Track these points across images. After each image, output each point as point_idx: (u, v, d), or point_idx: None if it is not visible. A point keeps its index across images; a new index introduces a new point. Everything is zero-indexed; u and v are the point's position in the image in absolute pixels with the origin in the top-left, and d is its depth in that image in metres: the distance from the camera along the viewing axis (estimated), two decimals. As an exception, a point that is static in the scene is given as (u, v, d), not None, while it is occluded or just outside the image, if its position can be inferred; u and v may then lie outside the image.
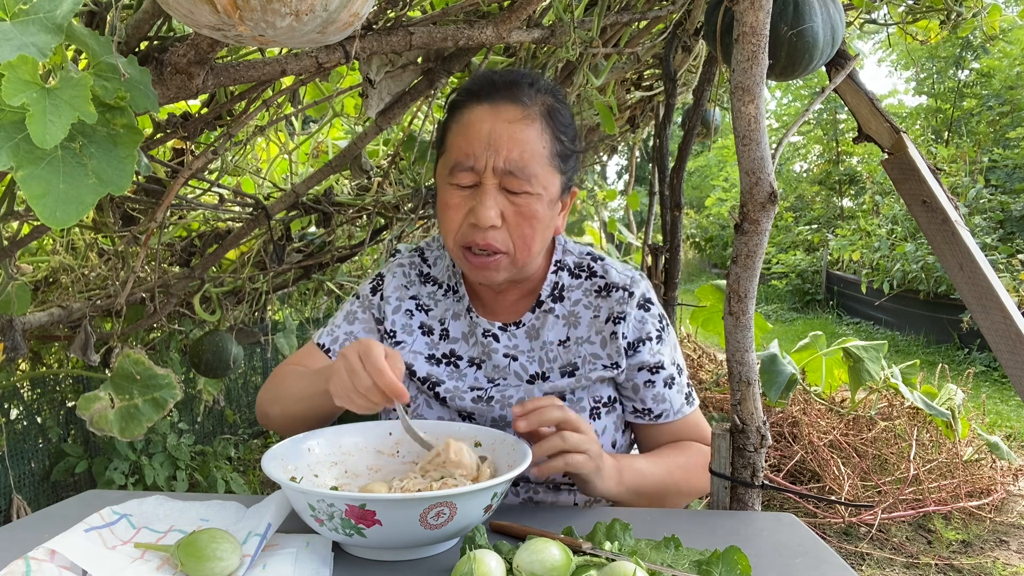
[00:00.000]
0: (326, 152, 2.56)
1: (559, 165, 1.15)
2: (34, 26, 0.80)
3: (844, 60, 1.66)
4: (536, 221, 1.13)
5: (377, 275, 1.34)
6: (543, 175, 1.12)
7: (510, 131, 1.10)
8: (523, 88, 1.14)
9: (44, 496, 2.98)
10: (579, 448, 1.04)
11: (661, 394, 1.23)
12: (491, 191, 1.10)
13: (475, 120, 1.12)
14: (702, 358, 4.87)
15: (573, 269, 1.27)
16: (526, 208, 1.12)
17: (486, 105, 1.12)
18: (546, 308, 1.24)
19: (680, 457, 1.22)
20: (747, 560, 0.81)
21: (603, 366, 1.20)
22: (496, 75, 1.17)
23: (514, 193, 1.11)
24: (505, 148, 1.09)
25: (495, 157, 1.09)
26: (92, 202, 0.84)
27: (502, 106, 1.12)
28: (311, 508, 0.85)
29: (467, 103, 1.15)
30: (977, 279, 1.76)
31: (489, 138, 1.10)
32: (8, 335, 1.59)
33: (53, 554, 0.83)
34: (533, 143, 1.11)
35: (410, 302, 1.29)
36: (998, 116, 10.92)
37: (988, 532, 3.26)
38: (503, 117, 1.11)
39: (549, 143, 1.13)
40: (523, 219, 1.12)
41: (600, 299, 1.23)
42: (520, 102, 1.12)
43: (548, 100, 1.15)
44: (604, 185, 6.44)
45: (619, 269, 1.26)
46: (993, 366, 6.65)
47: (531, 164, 1.10)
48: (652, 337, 1.22)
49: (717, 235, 16.56)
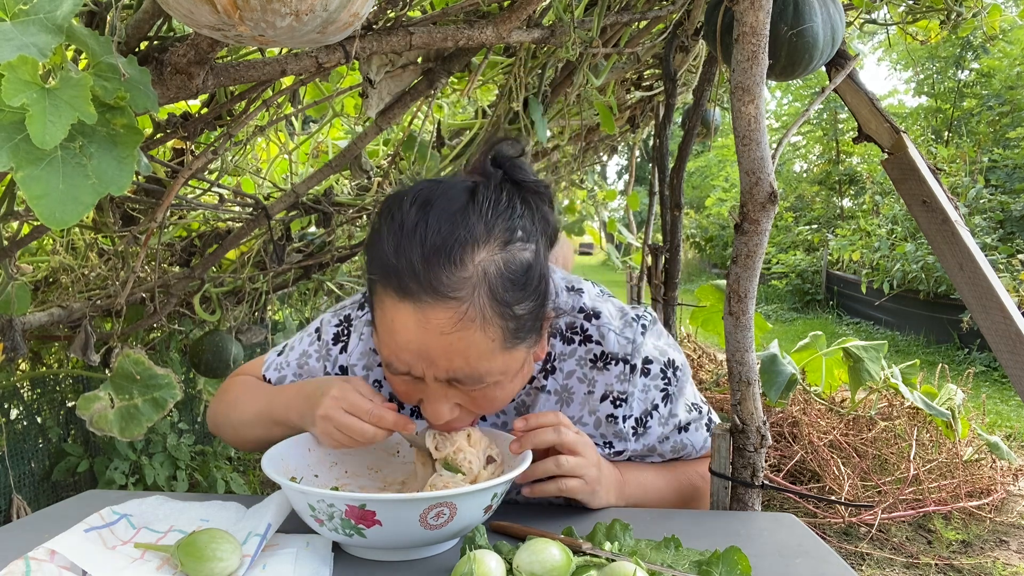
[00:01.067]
0: (326, 152, 2.56)
1: (518, 340, 0.93)
2: (34, 26, 0.80)
3: (844, 60, 1.66)
4: (498, 401, 0.97)
5: (344, 318, 1.18)
6: (499, 364, 0.92)
7: (445, 343, 0.87)
8: (453, 274, 0.87)
9: (44, 496, 2.98)
10: (574, 473, 1.00)
11: (680, 442, 1.14)
12: (439, 390, 0.93)
13: (399, 326, 0.89)
14: (702, 358, 4.87)
15: (565, 332, 1.10)
16: (483, 396, 0.95)
17: (409, 306, 0.87)
18: (537, 385, 1.10)
19: (693, 472, 1.18)
20: (747, 560, 0.81)
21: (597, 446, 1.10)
22: (416, 256, 0.87)
23: (468, 386, 0.93)
24: (443, 359, 0.89)
25: (432, 368, 0.90)
26: (92, 202, 0.84)
27: (430, 311, 0.86)
28: (311, 508, 0.85)
29: (386, 290, 0.90)
30: (977, 279, 1.76)
31: (420, 350, 0.89)
32: (8, 335, 1.59)
33: (53, 554, 0.83)
34: (477, 347, 0.88)
35: (378, 371, 1.14)
36: (998, 116, 10.92)
37: (988, 532, 3.26)
38: (433, 327, 0.87)
39: (500, 333, 0.89)
40: (482, 406, 0.97)
41: (595, 371, 1.09)
42: (451, 300, 0.86)
43: (493, 263, 0.89)
44: (604, 185, 6.44)
45: (617, 330, 1.09)
46: (993, 366, 6.65)
47: (479, 367, 0.90)
48: (659, 404, 1.11)
49: (717, 235, 16.56)
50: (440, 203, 0.91)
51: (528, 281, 0.92)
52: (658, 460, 1.17)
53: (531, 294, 0.93)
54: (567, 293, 1.13)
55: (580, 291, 1.13)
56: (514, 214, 0.94)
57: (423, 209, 0.91)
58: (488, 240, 0.90)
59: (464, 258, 0.87)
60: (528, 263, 0.92)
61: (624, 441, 1.11)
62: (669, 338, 1.18)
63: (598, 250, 11.74)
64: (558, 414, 1.03)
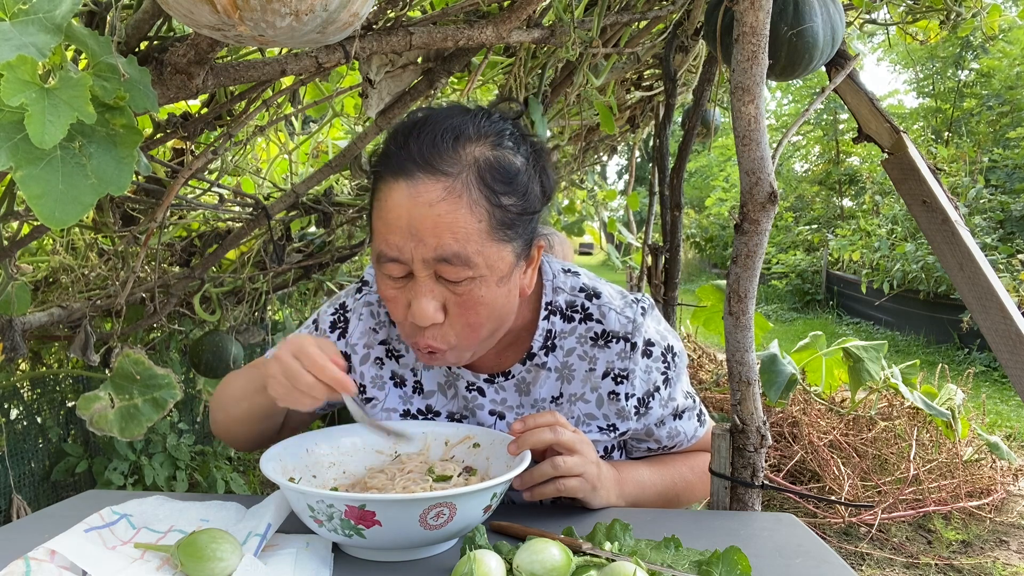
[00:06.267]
0: (326, 152, 2.56)
1: (505, 235, 0.96)
2: (33, 26, 0.80)
3: (844, 60, 1.66)
4: (483, 307, 0.97)
5: (340, 305, 1.20)
6: (484, 253, 0.94)
7: (433, 215, 0.92)
8: (444, 152, 0.94)
9: (44, 496, 2.98)
10: (572, 472, 1.00)
11: (675, 429, 1.17)
12: (426, 284, 0.95)
13: (392, 204, 0.94)
14: (702, 358, 4.87)
15: (565, 310, 1.12)
16: (469, 296, 0.96)
17: (403, 183, 0.94)
18: (538, 362, 1.12)
19: (683, 466, 1.20)
20: (747, 560, 0.81)
21: (599, 428, 1.12)
22: (412, 138, 0.96)
23: (453, 282, 0.95)
24: (431, 235, 0.92)
25: (421, 247, 0.92)
26: (91, 202, 0.84)
27: (420, 183, 0.92)
28: (310, 509, 0.85)
29: (383, 176, 0.97)
30: (977, 279, 1.76)
31: (410, 226, 0.92)
32: (8, 335, 1.59)
33: (53, 554, 0.83)
34: (464, 223, 0.92)
35: (379, 348, 1.16)
36: (998, 116, 10.92)
37: (988, 532, 3.26)
38: (422, 199, 0.92)
39: (487, 215, 0.94)
40: (467, 309, 0.96)
41: (596, 349, 1.11)
42: (441, 173, 0.93)
43: (484, 153, 0.96)
44: (604, 185, 6.44)
45: (618, 309, 1.11)
46: (993, 366, 6.65)
47: (466, 247, 0.92)
48: (660, 386, 1.13)
49: (717, 235, 16.56)
50: (439, 111, 1.01)
51: (516, 180, 0.98)
52: (653, 447, 1.19)
53: (518, 192, 0.98)
54: (564, 274, 1.16)
55: (577, 273, 1.16)
56: (505, 130, 1.01)
57: (423, 113, 1.01)
58: (479, 139, 0.97)
59: (456, 145, 0.95)
60: (517, 167, 0.98)
61: (626, 420, 1.12)
62: (667, 324, 1.20)
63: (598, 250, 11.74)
64: (555, 413, 1.03)
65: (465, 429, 1.10)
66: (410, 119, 1.01)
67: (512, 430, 1.02)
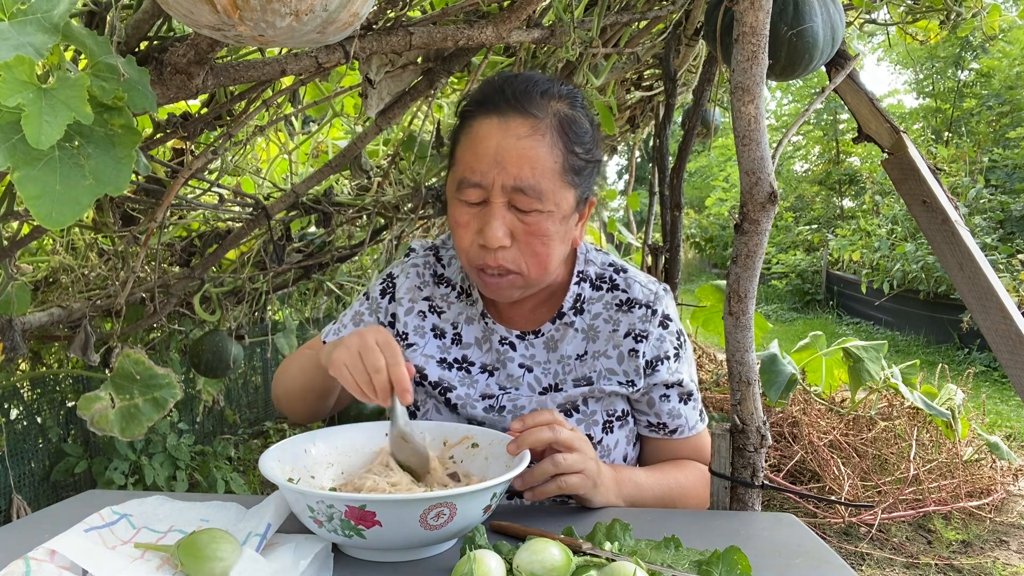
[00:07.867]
0: (326, 152, 2.56)
1: (572, 180, 1.09)
2: (31, 26, 0.80)
3: (844, 60, 1.66)
4: (548, 239, 1.08)
5: (387, 275, 1.31)
6: (554, 191, 1.07)
7: (519, 147, 1.05)
8: (534, 98, 1.08)
9: (44, 496, 2.98)
10: (572, 469, 1.02)
11: (677, 409, 1.21)
12: (499, 210, 1.06)
13: (483, 135, 1.07)
14: (702, 358, 4.87)
15: (595, 280, 1.23)
16: (536, 226, 1.07)
17: (495, 118, 1.07)
18: (567, 321, 1.21)
19: (679, 474, 1.21)
20: (747, 560, 0.81)
21: (618, 382, 1.18)
22: (506, 84, 1.10)
23: (524, 211, 1.06)
24: (513, 165, 1.05)
25: (503, 174, 1.05)
26: (89, 203, 0.84)
27: (511, 119, 1.06)
28: (310, 509, 0.85)
29: (475, 114, 1.10)
30: (977, 279, 1.76)
31: (496, 154, 1.05)
32: (8, 335, 1.59)
33: (53, 554, 0.83)
34: (543, 159, 1.06)
35: (423, 303, 1.26)
36: (998, 116, 10.92)
37: (988, 532, 3.26)
38: (512, 132, 1.06)
39: (561, 157, 1.07)
40: (534, 237, 1.08)
41: (621, 313, 1.20)
42: (530, 114, 1.07)
43: (564, 109, 1.10)
44: (604, 185, 6.44)
45: (642, 283, 1.22)
46: (993, 366, 6.65)
47: (541, 181, 1.05)
48: (670, 356, 1.20)
49: (717, 235, 16.56)
50: (530, 72, 1.18)
51: (585, 136, 1.12)
52: (654, 421, 1.22)
53: (586, 146, 1.12)
54: (596, 251, 1.28)
55: (607, 253, 1.29)
56: (579, 97, 1.15)
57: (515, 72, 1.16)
58: (562, 98, 1.12)
59: (544, 97, 1.10)
60: (586, 127, 1.13)
61: (640, 378, 1.19)
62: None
63: (598, 250, 11.68)
64: (553, 412, 1.05)
65: (464, 429, 1.11)
66: (502, 74, 1.17)
67: (511, 428, 1.03)
